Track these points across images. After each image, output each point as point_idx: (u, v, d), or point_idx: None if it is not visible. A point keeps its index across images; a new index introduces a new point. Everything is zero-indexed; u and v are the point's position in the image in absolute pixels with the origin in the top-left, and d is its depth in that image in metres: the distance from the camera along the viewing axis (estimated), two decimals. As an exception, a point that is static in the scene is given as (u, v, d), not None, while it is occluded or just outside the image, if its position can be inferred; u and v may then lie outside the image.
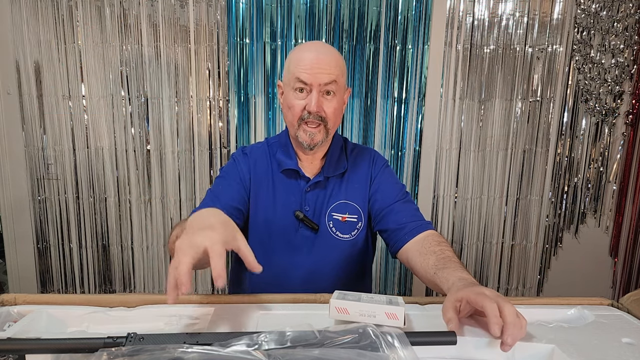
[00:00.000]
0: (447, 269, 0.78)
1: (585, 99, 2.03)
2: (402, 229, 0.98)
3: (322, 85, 0.95)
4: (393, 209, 1.02)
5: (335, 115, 1.00)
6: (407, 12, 1.94)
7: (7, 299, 0.73)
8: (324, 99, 0.97)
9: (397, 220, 1.00)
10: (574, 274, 2.19)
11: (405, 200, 1.05)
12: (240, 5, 1.91)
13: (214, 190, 1.03)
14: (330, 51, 0.98)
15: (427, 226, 0.98)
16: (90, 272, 2.12)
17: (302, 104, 0.97)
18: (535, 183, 2.10)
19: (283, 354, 0.52)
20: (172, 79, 1.97)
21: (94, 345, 0.55)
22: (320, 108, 0.96)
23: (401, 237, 0.98)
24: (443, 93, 2.02)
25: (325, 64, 0.95)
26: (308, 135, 0.99)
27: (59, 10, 1.89)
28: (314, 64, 0.94)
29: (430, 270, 0.83)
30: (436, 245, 0.89)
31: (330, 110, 0.98)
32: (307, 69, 0.94)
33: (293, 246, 1.05)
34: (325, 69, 0.95)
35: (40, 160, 2.01)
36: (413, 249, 0.94)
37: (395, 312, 0.63)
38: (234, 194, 1.02)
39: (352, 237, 1.06)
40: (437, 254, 0.85)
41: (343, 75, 1.00)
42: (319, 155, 1.07)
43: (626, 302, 0.80)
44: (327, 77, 0.95)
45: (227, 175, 1.06)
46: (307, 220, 1.04)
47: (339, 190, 1.07)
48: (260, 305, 0.76)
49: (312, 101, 0.95)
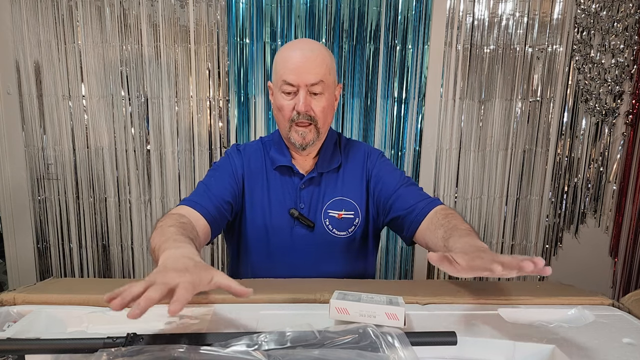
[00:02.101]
0: (453, 237, 0.78)
1: (585, 99, 2.03)
2: (412, 211, 0.97)
3: (308, 85, 0.94)
4: (399, 195, 1.01)
5: (325, 114, 0.98)
6: (407, 12, 1.94)
7: (6, 299, 0.73)
8: (312, 99, 0.96)
9: (404, 204, 0.99)
10: (574, 274, 2.19)
11: (407, 183, 1.03)
12: (240, 5, 1.91)
13: (206, 182, 1.01)
14: (316, 49, 0.95)
15: (436, 202, 0.96)
16: (90, 272, 2.12)
17: (290, 104, 0.96)
18: (535, 183, 2.10)
19: (283, 354, 0.52)
20: (172, 79, 1.97)
21: (94, 345, 0.55)
22: (308, 108, 0.95)
23: (413, 219, 0.96)
24: (443, 93, 2.02)
25: (311, 63, 0.93)
26: (300, 135, 0.98)
27: (59, 10, 1.89)
28: (299, 65, 0.93)
29: (440, 242, 0.83)
30: (443, 217, 0.88)
31: (319, 109, 0.96)
32: (292, 70, 0.93)
33: (290, 244, 1.05)
34: (311, 69, 0.93)
35: (40, 160, 2.01)
36: (426, 228, 0.93)
37: (396, 312, 0.63)
38: (226, 187, 1.00)
39: (349, 234, 1.05)
40: (445, 226, 0.85)
41: (331, 72, 0.97)
42: (312, 152, 1.06)
43: (627, 302, 0.80)
44: (314, 77, 0.93)
45: (219, 168, 1.05)
46: (302, 218, 1.03)
47: (335, 186, 1.06)
48: (260, 305, 0.76)
49: (299, 101, 0.94)
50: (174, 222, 0.82)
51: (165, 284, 0.54)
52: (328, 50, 0.99)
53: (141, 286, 0.53)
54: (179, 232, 0.78)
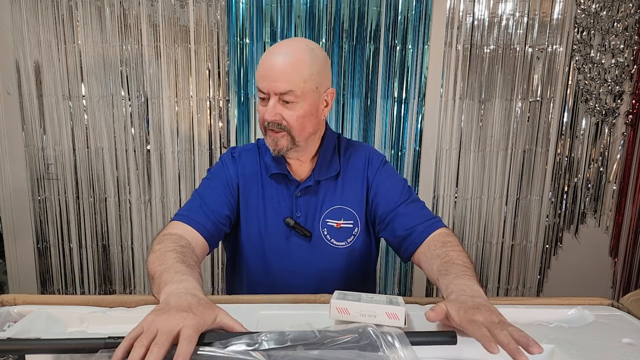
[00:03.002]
0: (448, 275, 0.75)
1: (585, 99, 2.03)
2: (411, 234, 0.92)
3: (278, 93, 0.88)
4: (398, 213, 0.96)
5: (301, 123, 0.91)
6: (407, 12, 1.94)
7: (6, 299, 0.73)
8: (283, 107, 0.89)
9: (403, 225, 0.94)
10: (574, 274, 2.19)
11: (409, 200, 0.98)
12: (240, 5, 1.91)
13: (202, 194, 0.97)
14: (294, 55, 0.87)
15: (435, 226, 0.92)
16: (90, 272, 2.12)
17: (263, 111, 0.91)
18: (535, 183, 2.10)
19: (283, 354, 0.52)
20: (172, 79, 1.97)
21: (95, 345, 0.55)
22: (278, 116, 0.89)
23: (411, 242, 0.92)
24: (443, 93, 2.02)
25: (282, 71, 0.86)
26: (272, 140, 0.92)
27: (59, 10, 1.89)
28: (271, 72, 0.87)
29: (434, 276, 0.81)
30: (440, 247, 0.85)
31: (292, 118, 0.89)
32: (263, 77, 0.89)
33: (286, 254, 1.00)
34: (280, 77, 0.87)
35: (40, 160, 2.01)
36: (422, 253, 0.90)
37: (396, 312, 0.63)
38: (223, 200, 0.97)
39: (348, 244, 1.01)
40: (441, 258, 0.82)
41: (309, 80, 0.88)
42: (306, 158, 1.00)
43: (626, 302, 0.80)
44: (282, 85, 0.87)
45: (214, 177, 1.01)
46: (298, 227, 0.98)
47: (333, 194, 1.00)
48: (260, 305, 0.76)
49: (267, 109, 0.90)
50: (173, 245, 0.81)
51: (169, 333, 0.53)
52: (313, 54, 0.90)
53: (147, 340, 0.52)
54: (179, 259, 0.75)
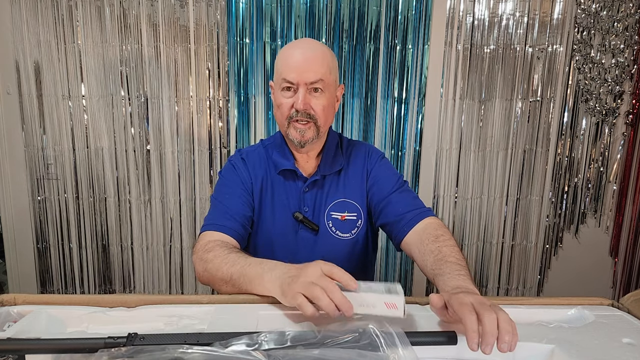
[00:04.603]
0: (443, 275, 0.77)
1: (585, 99, 2.03)
2: (401, 220, 0.97)
3: (308, 83, 0.94)
4: (390, 200, 1.01)
5: (325, 113, 0.98)
6: (407, 12, 1.94)
7: (6, 299, 0.73)
8: (311, 97, 0.95)
9: (395, 211, 0.99)
10: (574, 274, 2.19)
11: (401, 189, 1.03)
12: (240, 5, 1.91)
13: (222, 201, 1.01)
14: (318, 49, 0.96)
15: (426, 214, 0.97)
16: (90, 272, 2.12)
17: (289, 102, 0.96)
18: (535, 183, 2.10)
19: (283, 354, 0.52)
20: (172, 79, 1.97)
21: (95, 345, 0.55)
22: (307, 105, 0.95)
23: (400, 228, 0.97)
24: (443, 93, 2.02)
25: (311, 62, 0.94)
26: (298, 132, 0.97)
27: (59, 10, 1.89)
28: (300, 63, 0.93)
29: (429, 273, 0.83)
30: (433, 241, 0.88)
31: (319, 107, 0.96)
32: (293, 69, 0.93)
33: (294, 248, 1.05)
34: (311, 68, 0.93)
35: (40, 160, 2.01)
36: (413, 242, 0.94)
37: (395, 301, 0.63)
38: (244, 202, 1.01)
39: (352, 235, 1.05)
40: (434, 254, 0.84)
41: (332, 72, 0.98)
42: (313, 154, 1.06)
43: (627, 302, 0.80)
44: (313, 75, 0.94)
45: (229, 182, 1.05)
46: (306, 221, 1.03)
47: (337, 188, 1.06)
48: (260, 305, 0.76)
49: (299, 99, 0.94)
50: (226, 249, 0.88)
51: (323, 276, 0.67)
52: (330, 51, 1.00)
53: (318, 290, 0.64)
54: (243, 254, 0.85)
